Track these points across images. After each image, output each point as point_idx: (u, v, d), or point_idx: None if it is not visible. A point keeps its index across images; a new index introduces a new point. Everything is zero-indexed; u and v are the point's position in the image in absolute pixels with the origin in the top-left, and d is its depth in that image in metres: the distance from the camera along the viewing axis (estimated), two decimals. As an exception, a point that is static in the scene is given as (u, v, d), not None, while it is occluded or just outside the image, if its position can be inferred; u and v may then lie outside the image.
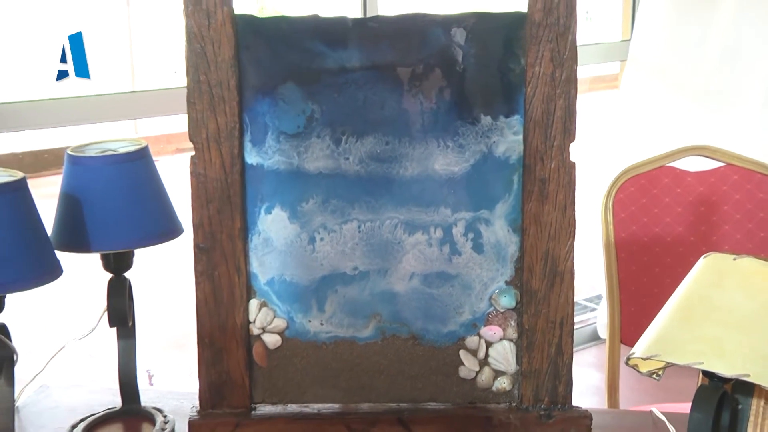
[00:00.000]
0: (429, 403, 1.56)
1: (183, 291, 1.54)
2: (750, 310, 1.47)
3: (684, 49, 3.65)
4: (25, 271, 1.41)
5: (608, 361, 2.45)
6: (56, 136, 2.09)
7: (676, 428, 1.59)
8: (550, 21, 1.45)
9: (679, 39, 3.65)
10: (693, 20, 3.61)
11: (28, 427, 1.66)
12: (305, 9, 1.49)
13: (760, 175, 2.41)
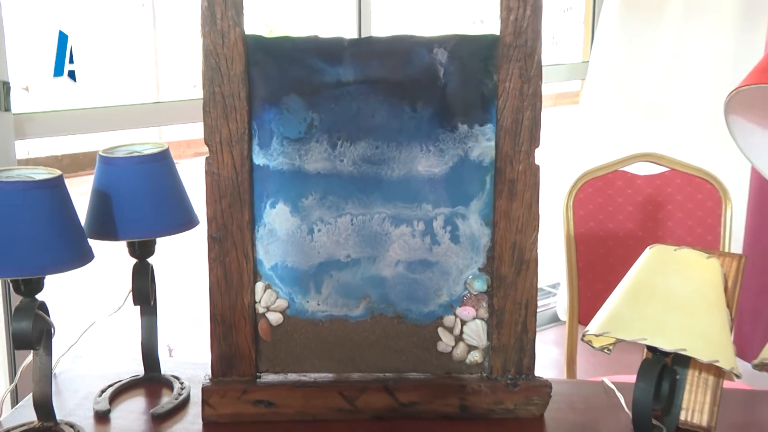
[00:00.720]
0: (411, 373, 1.56)
1: (198, 275, 1.54)
2: (687, 293, 1.47)
3: (634, 69, 3.65)
4: (61, 256, 1.40)
5: (567, 339, 2.45)
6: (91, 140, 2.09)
7: (624, 396, 1.59)
8: (519, 43, 1.45)
9: (630, 60, 3.64)
10: (641, 43, 3.61)
11: (63, 391, 1.65)
12: (307, 30, 1.49)
13: (699, 179, 2.41)
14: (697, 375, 1.51)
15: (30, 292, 1.41)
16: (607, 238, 2.46)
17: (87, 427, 1.51)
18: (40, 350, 1.44)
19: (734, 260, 1.52)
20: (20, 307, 1.40)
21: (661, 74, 3.58)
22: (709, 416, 1.49)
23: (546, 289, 4.35)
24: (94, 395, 1.63)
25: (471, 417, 1.54)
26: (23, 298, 1.41)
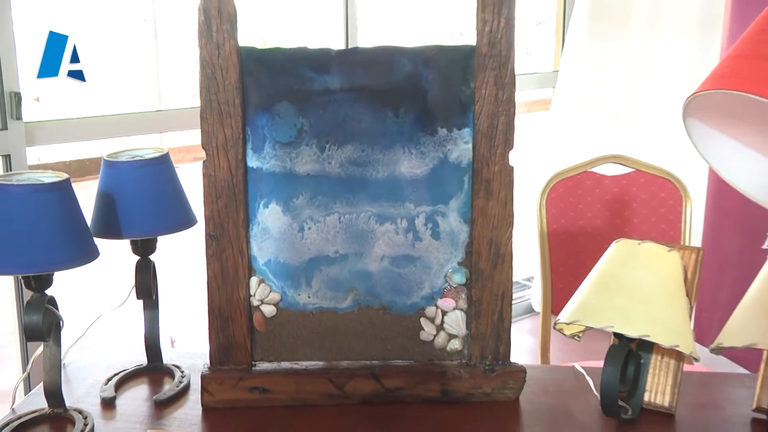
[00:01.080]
0: (396, 361, 1.55)
1: (197, 271, 1.53)
2: (650, 284, 1.47)
3: (600, 77, 3.65)
4: (68, 254, 1.40)
5: (541, 329, 2.45)
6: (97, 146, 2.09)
7: (593, 380, 1.59)
8: (494, 53, 1.45)
9: (597, 69, 3.65)
10: (607, 54, 3.61)
11: (72, 379, 1.65)
12: (298, 41, 1.48)
13: (662, 179, 2.41)
14: (660, 359, 1.51)
15: (40, 288, 1.40)
16: (577, 234, 2.46)
17: (94, 413, 1.50)
18: (50, 342, 1.44)
19: (693, 253, 1.52)
20: (31, 302, 1.39)
21: (625, 82, 3.59)
22: (670, 397, 1.50)
23: (521, 282, 4.36)
24: (100, 383, 1.62)
25: (451, 401, 1.54)
26: (34, 293, 1.40)
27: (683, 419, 1.50)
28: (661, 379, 1.51)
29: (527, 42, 5.22)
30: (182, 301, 2.25)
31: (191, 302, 1.73)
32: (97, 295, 1.84)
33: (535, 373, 1.63)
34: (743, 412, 1.52)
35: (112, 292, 1.75)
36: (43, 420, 1.47)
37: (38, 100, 5.18)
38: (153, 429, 1.43)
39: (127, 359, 1.72)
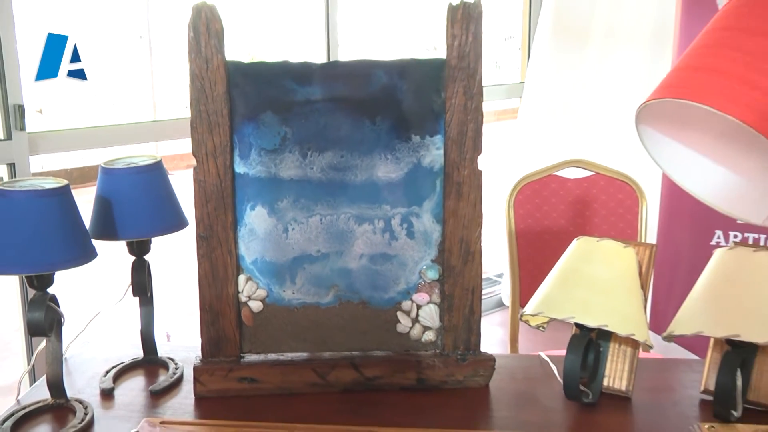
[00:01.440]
0: (374, 351, 1.55)
1: (189, 270, 1.53)
2: (608, 278, 1.48)
3: (563, 88, 3.67)
4: (68, 254, 1.39)
5: (511, 321, 2.46)
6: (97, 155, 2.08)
7: (556, 367, 1.60)
8: (462, 65, 1.45)
9: (560, 80, 3.66)
10: (568, 66, 3.63)
11: (73, 372, 1.64)
12: (283, 55, 1.48)
13: (620, 181, 2.42)
14: (617, 347, 1.52)
15: (42, 287, 1.40)
16: (543, 233, 2.47)
17: (94, 403, 1.49)
18: (52, 337, 1.43)
19: (647, 249, 1.53)
20: (34, 300, 1.39)
21: (586, 91, 3.61)
22: (627, 382, 1.51)
23: (492, 278, 4.37)
24: (99, 375, 1.61)
25: (426, 388, 1.54)
26: (36, 291, 1.40)
27: (639, 402, 1.50)
28: (618, 366, 1.51)
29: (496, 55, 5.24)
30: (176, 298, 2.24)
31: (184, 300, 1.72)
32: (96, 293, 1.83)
33: (503, 361, 1.64)
34: (692, 394, 1.53)
35: (109, 290, 1.74)
36: (46, 410, 1.46)
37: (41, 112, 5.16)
38: (149, 417, 1.42)
39: (124, 353, 1.71)
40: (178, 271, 2.04)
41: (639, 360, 1.52)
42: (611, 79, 3.50)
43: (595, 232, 2.38)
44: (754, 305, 1.43)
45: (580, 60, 3.58)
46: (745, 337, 1.39)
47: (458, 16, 1.44)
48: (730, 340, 1.43)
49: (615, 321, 1.43)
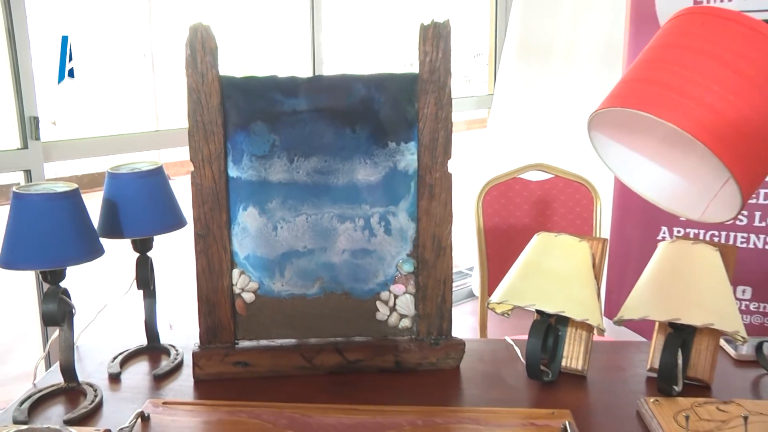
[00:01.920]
0: (356, 337, 1.55)
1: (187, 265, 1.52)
2: (565, 269, 1.49)
3: (527, 99, 3.68)
4: (78, 251, 1.39)
5: (480, 310, 2.46)
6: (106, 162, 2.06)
7: (520, 349, 1.61)
8: (434, 79, 1.45)
9: (524, 93, 3.67)
10: (532, 80, 3.64)
11: (84, 358, 1.62)
12: (270, 70, 1.48)
13: (577, 183, 2.43)
14: (574, 331, 1.52)
15: (55, 281, 1.40)
16: (508, 229, 2.47)
17: (103, 387, 1.48)
18: (64, 326, 1.42)
19: (600, 243, 1.54)
20: (47, 293, 1.39)
21: (547, 103, 3.62)
22: (583, 362, 1.51)
23: (464, 271, 4.37)
24: (107, 361, 1.60)
25: (403, 370, 1.54)
26: (50, 285, 1.40)
27: (593, 380, 1.51)
28: (575, 348, 1.52)
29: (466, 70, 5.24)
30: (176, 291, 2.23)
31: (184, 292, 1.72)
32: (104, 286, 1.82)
33: (472, 345, 1.64)
34: (640, 372, 1.54)
35: (116, 284, 1.73)
36: (59, 393, 1.46)
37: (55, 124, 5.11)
38: (152, 399, 1.41)
39: (130, 341, 1.70)
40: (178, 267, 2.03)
41: (593, 342, 1.53)
42: (570, 91, 3.51)
43: (555, 229, 2.39)
44: (693, 292, 1.44)
45: (543, 75, 3.60)
46: (685, 321, 1.41)
47: (429, 35, 1.44)
48: (672, 324, 1.44)
49: (571, 308, 1.44)
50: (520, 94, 3.68)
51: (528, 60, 3.64)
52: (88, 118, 7.17)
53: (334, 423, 1.31)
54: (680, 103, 1.21)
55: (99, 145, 2.71)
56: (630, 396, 1.44)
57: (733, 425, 1.27)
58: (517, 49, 3.62)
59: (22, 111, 2.43)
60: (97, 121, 7.31)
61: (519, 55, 3.63)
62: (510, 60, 3.64)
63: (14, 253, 1.35)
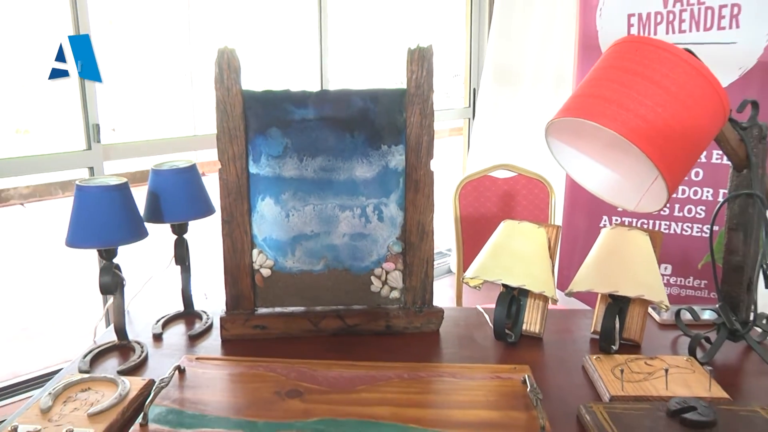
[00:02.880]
0: (354, 306, 1.53)
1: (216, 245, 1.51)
2: (526, 250, 1.47)
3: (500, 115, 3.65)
4: (127, 233, 1.38)
5: (456, 283, 2.45)
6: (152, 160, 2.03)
7: (488, 316, 1.59)
8: (419, 93, 1.43)
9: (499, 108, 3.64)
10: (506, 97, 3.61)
11: (133, 321, 1.61)
12: (284, 85, 1.45)
13: (536, 180, 2.41)
14: (533, 301, 1.51)
15: (109, 257, 1.40)
16: (480, 218, 2.46)
17: (148, 344, 1.48)
18: (117, 295, 1.43)
19: (554, 229, 1.52)
20: (103, 268, 1.39)
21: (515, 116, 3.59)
22: (540, 326, 1.50)
23: (444, 252, 4.34)
24: (152, 323, 1.59)
25: (393, 333, 1.52)
26: (105, 261, 1.39)
27: (548, 341, 1.50)
28: (533, 315, 1.50)
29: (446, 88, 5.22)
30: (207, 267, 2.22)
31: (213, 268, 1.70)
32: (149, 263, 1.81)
33: (450, 312, 1.63)
34: (585, 335, 1.54)
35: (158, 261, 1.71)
36: (113, 348, 1.46)
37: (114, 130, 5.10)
38: (188, 355, 1.40)
39: (170, 307, 1.68)
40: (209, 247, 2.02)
41: (548, 310, 1.52)
42: (532, 106, 3.49)
43: (518, 217, 2.37)
44: (628, 269, 1.44)
45: (514, 92, 3.57)
46: (622, 292, 1.41)
47: (415, 57, 1.42)
48: (611, 295, 1.44)
49: (531, 282, 1.43)
50: (495, 110, 3.65)
51: (503, 81, 3.61)
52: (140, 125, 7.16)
53: (336, 376, 1.29)
54: (619, 114, 1.21)
55: (148, 146, 2.69)
56: (577, 354, 1.43)
57: (657, 376, 1.28)
58: (494, 73, 3.60)
59: (87, 119, 2.45)
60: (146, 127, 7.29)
61: (495, 77, 3.61)
62: (488, 81, 3.62)
63: (77, 235, 1.36)
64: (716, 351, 1.40)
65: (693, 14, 2.45)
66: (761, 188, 1.38)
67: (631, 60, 1.26)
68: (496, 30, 3.52)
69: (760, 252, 1.40)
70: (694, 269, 2.65)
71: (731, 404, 1.18)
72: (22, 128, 7.26)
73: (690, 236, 2.64)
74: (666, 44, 1.25)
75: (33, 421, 1.10)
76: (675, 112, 1.21)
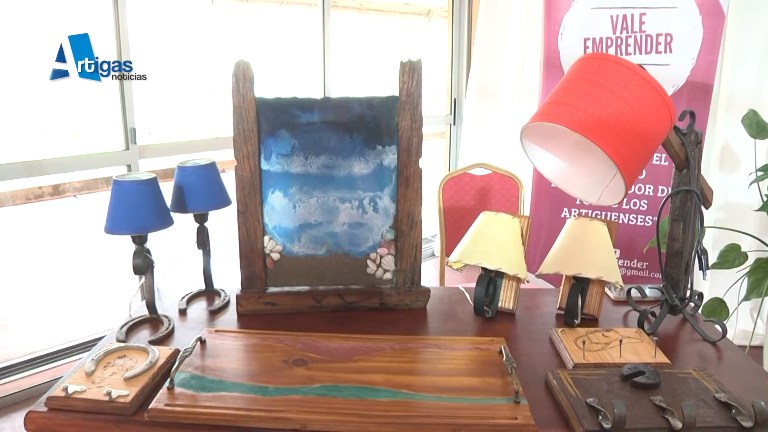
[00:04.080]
0: (353, 285, 1.47)
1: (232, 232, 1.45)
2: (502, 238, 1.42)
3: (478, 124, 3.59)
4: (156, 221, 1.34)
5: (440, 265, 2.39)
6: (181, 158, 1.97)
7: (469, 294, 1.55)
8: (409, 100, 1.37)
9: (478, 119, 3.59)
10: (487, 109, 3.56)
11: (162, 297, 1.55)
12: (292, 92, 1.39)
13: (508, 176, 2.36)
14: (507, 282, 1.46)
15: (141, 242, 1.36)
16: (460, 209, 2.41)
17: (175, 318, 1.43)
18: (148, 275, 1.39)
19: (526, 220, 1.47)
20: (136, 251, 1.36)
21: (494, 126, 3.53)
22: (513, 303, 1.45)
23: (429, 238, 4.29)
24: (178, 300, 1.54)
25: (386, 308, 1.47)
26: (137, 246, 1.36)
27: (520, 315, 1.45)
28: (508, 293, 1.45)
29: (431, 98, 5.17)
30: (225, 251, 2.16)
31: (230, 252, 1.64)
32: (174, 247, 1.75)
33: (436, 291, 1.58)
34: (552, 311, 1.49)
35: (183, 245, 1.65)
36: (145, 321, 1.42)
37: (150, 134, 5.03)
38: (208, 328, 1.35)
39: (192, 285, 1.62)
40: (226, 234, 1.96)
41: (520, 290, 1.48)
42: (506, 116, 3.44)
43: (492, 209, 2.32)
44: (589, 254, 1.40)
45: (494, 104, 3.52)
46: (584, 274, 1.37)
47: (407, 69, 1.36)
48: (574, 276, 1.40)
49: (506, 265, 1.38)
50: (477, 120, 3.60)
51: (485, 96, 3.57)
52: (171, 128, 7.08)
53: (336, 347, 1.24)
54: (582, 118, 1.18)
55: (177, 147, 2.65)
56: (545, 327, 1.39)
57: (612, 345, 1.26)
58: (477, 89, 3.56)
59: (126, 123, 2.43)
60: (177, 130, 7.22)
61: (477, 93, 3.56)
62: (471, 96, 3.58)
63: (114, 223, 1.32)
64: (660, 323, 1.39)
65: (636, 40, 2.50)
66: (697, 185, 1.37)
67: (594, 73, 1.24)
68: (477, 55, 3.50)
69: (696, 239, 1.38)
70: (638, 253, 2.63)
71: (671, 368, 1.19)
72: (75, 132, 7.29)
73: (635, 225, 2.63)
74: (624, 60, 1.25)
75: (80, 383, 1.11)
76: (630, 117, 1.19)
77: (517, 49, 3.36)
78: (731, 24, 2.59)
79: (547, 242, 1.43)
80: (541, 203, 2.80)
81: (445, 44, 3.84)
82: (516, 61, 3.37)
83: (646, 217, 2.61)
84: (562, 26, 2.61)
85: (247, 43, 7.44)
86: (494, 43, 3.45)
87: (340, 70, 3.33)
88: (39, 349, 2.66)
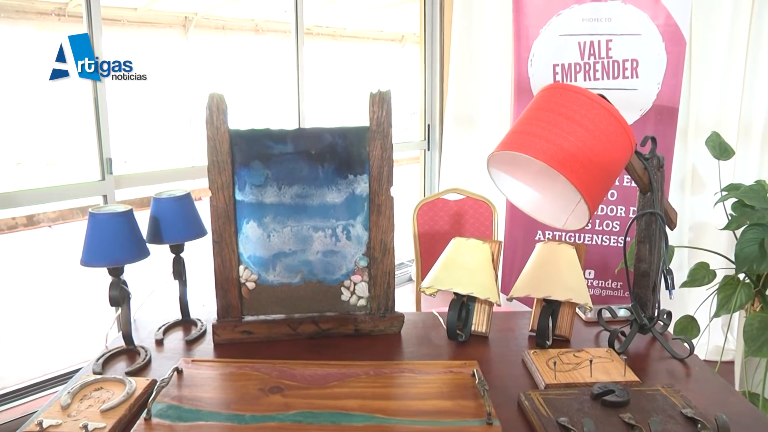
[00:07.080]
0: (327, 312, 1.49)
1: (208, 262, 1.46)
2: (473, 263, 1.46)
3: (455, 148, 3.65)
4: (132, 253, 1.34)
5: (416, 291, 2.41)
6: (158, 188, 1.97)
7: (442, 319, 1.57)
8: (380, 130, 1.42)
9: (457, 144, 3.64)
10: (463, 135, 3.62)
11: (138, 328, 1.55)
12: (265, 124, 1.43)
13: (481, 201, 2.41)
14: (480, 305, 1.49)
15: (117, 274, 1.36)
16: (434, 234, 2.44)
17: (151, 348, 1.43)
18: (124, 306, 1.39)
19: (497, 244, 1.51)
20: (112, 283, 1.36)
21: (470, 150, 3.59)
22: (486, 326, 1.48)
23: (406, 263, 4.31)
24: (154, 330, 1.54)
25: (361, 335, 1.49)
26: (113, 278, 1.36)
27: (493, 338, 1.48)
28: (480, 317, 1.48)
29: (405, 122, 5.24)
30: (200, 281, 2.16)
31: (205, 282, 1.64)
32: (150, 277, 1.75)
33: (410, 316, 1.60)
34: (524, 333, 1.52)
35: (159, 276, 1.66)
36: (122, 352, 1.42)
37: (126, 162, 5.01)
38: (185, 357, 1.35)
39: (169, 316, 1.63)
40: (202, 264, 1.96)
41: (493, 313, 1.51)
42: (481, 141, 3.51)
43: (466, 234, 2.37)
44: (558, 277, 1.44)
45: (470, 131, 3.58)
46: (554, 297, 1.41)
47: (376, 99, 1.41)
48: (545, 299, 1.43)
49: (478, 289, 1.42)
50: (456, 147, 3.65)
51: (461, 123, 3.63)
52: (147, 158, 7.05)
53: (311, 374, 1.26)
54: (547, 147, 1.21)
55: (153, 176, 2.64)
56: (517, 349, 1.42)
57: (583, 366, 1.28)
58: (454, 116, 3.62)
59: (101, 153, 2.43)
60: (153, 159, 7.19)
61: (454, 119, 3.63)
62: (449, 123, 3.64)
63: (90, 255, 1.33)
64: (630, 342, 1.42)
65: (604, 66, 2.55)
66: (661, 208, 1.41)
67: (556, 103, 1.28)
68: (452, 83, 3.56)
69: (661, 260, 1.42)
70: (611, 273, 2.68)
71: (640, 386, 1.21)
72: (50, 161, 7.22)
73: (608, 246, 2.68)
74: (585, 91, 1.28)
75: (55, 416, 1.10)
76: (592, 145, 1.23)
77: (490, 75, 3.44)
78: (694, 49, 2.71)
79: (522, 265, 1.47)
80: (515, 227, 2.85)
81: (418, 70, 3.92)
82: (490, 88, 3.46)
83: (619, 238, 2.66)
84: (531, 53, 2.69)
85: (224, 72, 7.48)
86: (468, 71, 3.52)
87: (315, 97, 3.38)
88: (11, 383, 2.61)
